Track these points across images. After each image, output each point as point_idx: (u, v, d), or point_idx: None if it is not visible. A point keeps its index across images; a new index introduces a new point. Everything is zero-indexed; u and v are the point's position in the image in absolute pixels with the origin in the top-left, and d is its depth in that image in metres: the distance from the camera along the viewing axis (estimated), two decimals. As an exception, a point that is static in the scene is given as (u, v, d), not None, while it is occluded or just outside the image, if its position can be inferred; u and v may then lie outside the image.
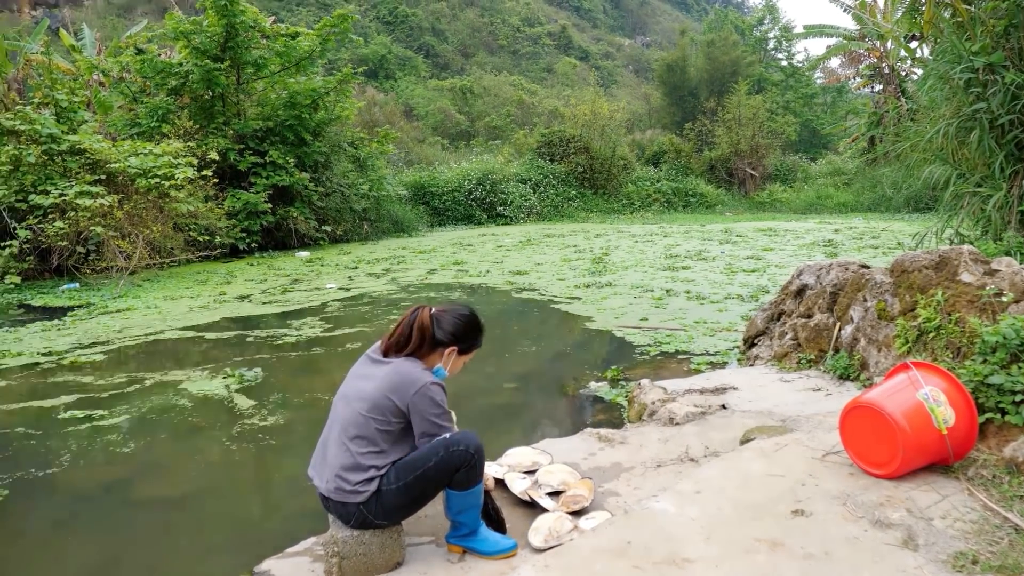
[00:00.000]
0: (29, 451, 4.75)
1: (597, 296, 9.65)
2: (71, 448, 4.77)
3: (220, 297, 10.60)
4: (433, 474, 2.72)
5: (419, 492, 2.75)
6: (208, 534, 3.61)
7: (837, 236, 16.34)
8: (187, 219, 14.71)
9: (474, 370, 6.48)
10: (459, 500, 2.81)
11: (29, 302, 10.82)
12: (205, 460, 4.57)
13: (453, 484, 2.76)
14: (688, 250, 14.47)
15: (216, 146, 16.39)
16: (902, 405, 3.00)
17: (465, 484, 2.77)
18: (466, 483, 2.77)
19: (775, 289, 9.20)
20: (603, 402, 5.33)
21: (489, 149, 33.25)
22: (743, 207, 29.71)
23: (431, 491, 2.78)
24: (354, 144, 20.85)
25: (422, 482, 2.73)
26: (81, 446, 4.82)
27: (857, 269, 5.23)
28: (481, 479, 2.84)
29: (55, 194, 12.47)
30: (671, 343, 6.91)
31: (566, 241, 17.59)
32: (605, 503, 3.27)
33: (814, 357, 5.22)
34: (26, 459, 4.60)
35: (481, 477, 2.83)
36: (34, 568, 3.31)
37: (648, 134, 38.78)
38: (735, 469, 3.16)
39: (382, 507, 2.73)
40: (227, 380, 6.25)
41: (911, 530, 2.59)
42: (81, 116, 14.86)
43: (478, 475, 2.80)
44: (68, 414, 5.42)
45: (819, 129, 42.26)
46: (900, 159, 8.67)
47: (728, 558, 2.45)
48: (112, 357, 7.23)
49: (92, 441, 4.90)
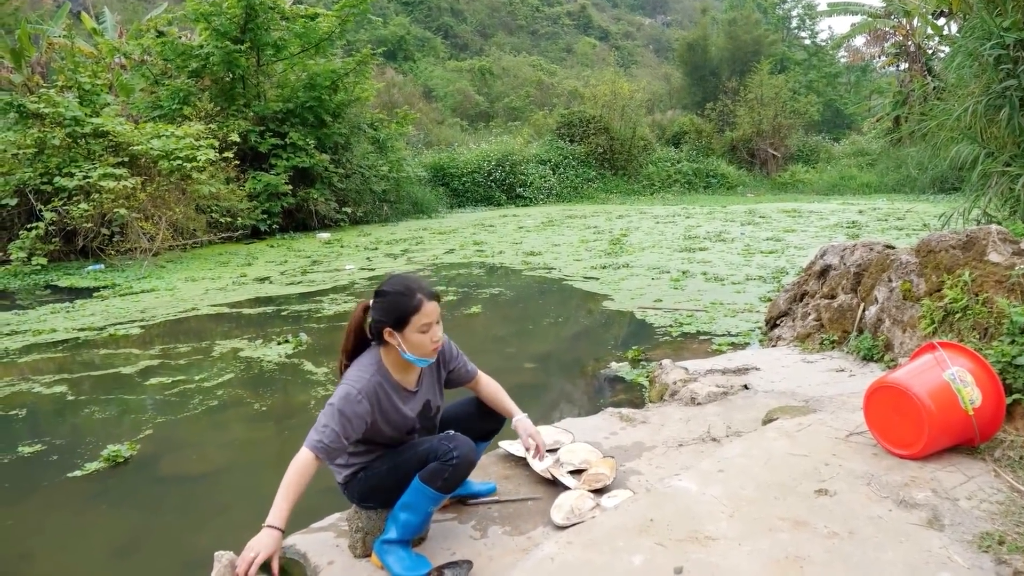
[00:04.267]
0: (160, 406, 5.16)
1: (614, 277, 9.63)
2: (183, 404, 5.15)
3: (241, 279, 10.68)
4: (411, 459, 2.66)
5: (395, 480, 2.69)
6: (233, 509, 3.66)
7: (861, 217, 16.16)
8: (209, 201, 14.82)
9: (493, 350, 6.52)
10: (414, 493, 2.65)
11: (55, 283, 10.97)
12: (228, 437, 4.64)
13: (422, 473, 2.64)
14: (708, 231, 14.37)
15: (237, 128, 16.46)
16: (928, 385, 2.97)
17: (430, 480, 2.62)
18: (431, 479, 2.61)
19: (794, 271, 9.13)
20: (624, 382, 5.33)
21: (508, 130, 33.11)
22: (764, 188, 29.44)
23: (406, 478, 2.67)
24: (373, 126, 20.84)
25: (399, 468, 2.68)
26: (187, 403, 5.19)
27: (882, 249, 5.18)
28: (446, 494, 2.67)
29: (79, 176, 12.60)
30: (692, 324, 6.89)
31: (587, 222, 17.52)
32: (627, 482, 3.27)
33: (837, 338, 5.18)
34: (156, 414, 5.03)
35: (448, 492, 2.66)
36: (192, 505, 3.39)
37: (668, 114, 38.40)
38: (758, 448, 3.15)
39: (358, 490, 2.76)
40: (282, 346, 6.64)
41: (936, 510, 2.57)
42: (104, 99, 14.96)
43: (448, 481, 2.62)
44: (155, 380, 5.78)
45: (843, 109, 41.73)
46: (926, 138, 8.52)
47: (751, 536, 2.45)
48: (154, 331, 7.50)
49: (194, 398, 5.30)
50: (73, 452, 4.41)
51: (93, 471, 4.08)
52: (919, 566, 2.25)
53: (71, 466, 4.17)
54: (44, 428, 4.86)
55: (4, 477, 4.13)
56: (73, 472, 4.08)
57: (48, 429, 4.83)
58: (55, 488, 3.95)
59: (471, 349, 3.37)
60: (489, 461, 3.62)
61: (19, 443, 4.58)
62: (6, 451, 4.47)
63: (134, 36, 18.99)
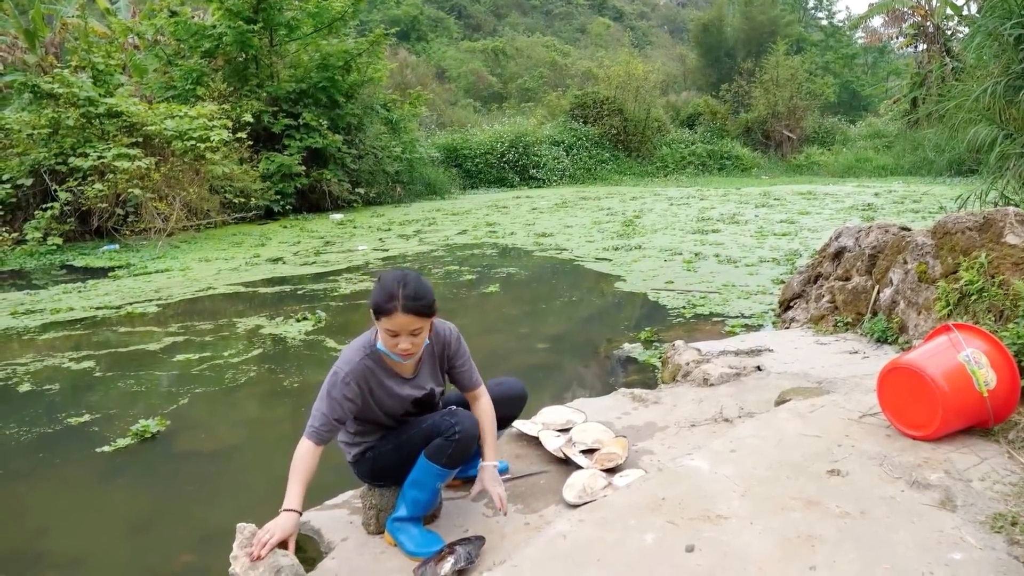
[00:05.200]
0: (186, 382, 5.22)
1: (626, 259, 9.61)
2: (208, 381, 5.26)
3: (254, 259, 10.73)
4: (416, 436, 2.68)
5: (401, 457, 2.71)
6: (253, 485, 3.71)
7: (876, 200, 16.03)
8: (222, 181, 14.86)
9: (506, 330, 6.54)
10: (420, 470, 2.66)
11: (71, 263, 11.05)
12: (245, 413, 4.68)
13: (427, 450, 2.66)
14: (722, 213, 14.30)
15: (250, 108, 16.47)
16: (942, 366, 2.95)
17: (435, 456, 2.63)
18: (436, 456, 2.63)
19: (808, 253, 9.08)
20: (636, 363, 5.33)
21: (521, 111, 33.01)
22: (779, 170, 29.23)
23: (412, 456, 2.69)
24: (386, 106, 20.80)
25: (404, 446, 2.70)
26: (212, 380, 5.30)
27: (897, 231, 5.14)
28: (452, 470, 2.67)
29: (94, 156, 12.66)
30: (705, 306, 6.87)
31: (601, 204, 17.47)
32: (639, 461, 3.28)
33: (851, 320, 5.16)
34: (183, 390, 5.10)
35: (454, 467, 2.66)
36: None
37: (683, 96, 38.14)
38: (770, 429, 3.15)
39: (367, 469, 2.79)
40: (302, 324, 6.76)
41: (949, 491, 2.57)
42: (117, 79, 15.00)
43: (452, 457, 2.63)
44: (181, 357, 5.88)
45: (859, 91, 41.31)
46: (944, 120, 8.44)
47: (762, 515, 2.45)
48: (172, 309, 7.62)
49: (218, 375, 5.42)
50: (102, 427, 4.48)
51: (121, 447, 4.14)
52: (931, 546, 2.25)
53: (99, 441, 4.23)
54: (74, 403, 4.93)
55: (32, 451, 4.20)
56: (102, 447, 4.14)
57: (78, 404, 4.90)
58: (79, 463, 4.02)
59: (484, 329, 3.39)
60: (501, 440, 3.63)
61: (50, 418, 4.66)
62: (36, 425, 4.55)
63: (147, 16, 18.98)
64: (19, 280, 9.77)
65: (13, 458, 4.13)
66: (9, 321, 7.16)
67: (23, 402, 4.98)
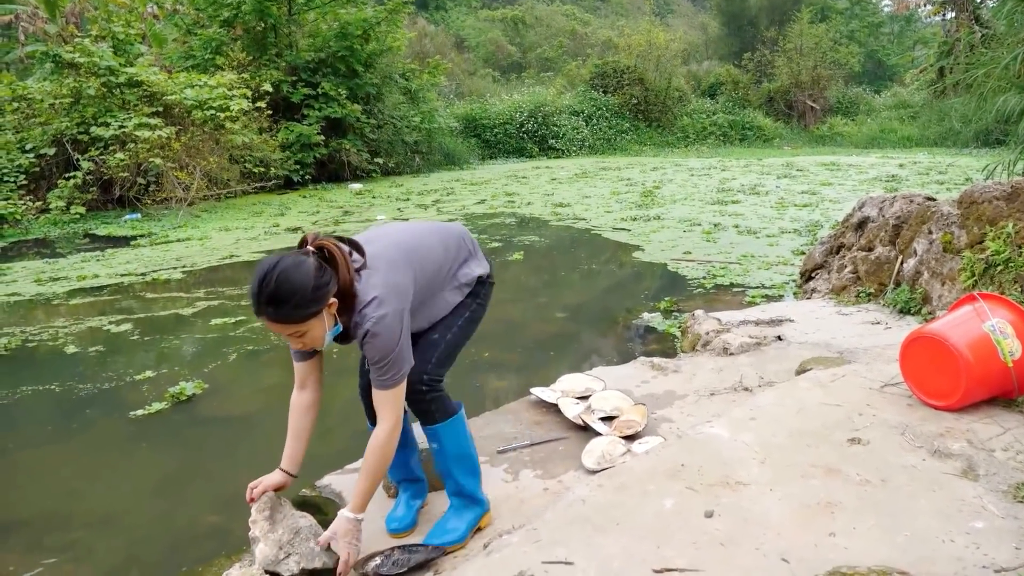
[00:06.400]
0: (219, 346, 5.35)
1: (645, 229, 9.56)
2: (240, 345, 5.35)
3: (273, 229, 10.77)
4: None
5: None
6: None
7: (901, 171, 15.80)
8: (242, 151, 14.90)
9: (525, 299, 6.54)
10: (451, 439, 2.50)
11: (94, 231, 11.16)
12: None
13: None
14: (743, 184, 14.16)
15: (269, 78, 16.45)
16: (967, 336, 2.92)
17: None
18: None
19: (829, 224, 8.99)
20: (656, 332, 5.33)
21: (541, 81, 32.67)
22: (802, 141, 28.84)
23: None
24: (405, 76, 20.69)
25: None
26: (244, 345, 5.38)
27: (922, 201, 5.07)
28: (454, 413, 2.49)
29: (115, 126, 12.72)
30: (725, 276, 6.83)
31: (621, 174, 17.34)
32: (658, 429, 3.29)
33: (874, 291, 5.11)
34: (216, 354, 5.22)
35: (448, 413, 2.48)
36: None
37: (705, 65, 37.62)
38: (791, 397, 3.14)
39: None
40: None
41: (971, 460, 2.55)
42: (137, 49, 15.01)
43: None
44: (218, 321, 6.01)
45: (885, 60, 40.54)
46: (972, 89, 8.26)
47: (782, 482, 2.45)
48: (197, 276, 7.76)
49: (251, 340, 5.52)
50: (139, 389, 4.58)
51: (153, 411, 4.21)
52: (952, 514, 2.24)
53: (134, 404, 4.31)
54: (115, 365, 5.06)
55: (73, 411, 4.31)
56: (136, 411, 4.21)
57: (118, 366, 5.03)
58: (112, 425, 4.10)
59: (502, 299, 3.38)
60: (520, 407, 3.65)
61: (92, 378, 4.80)
62: (81, 383, 4.68)
63: (166, -15, 18.98)
64: (43, 248, 9.89)
65: (53, 419, 4.24)
66: (38, 287, 7.28)
67: (68, 363, 5.13)
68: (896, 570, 1.99)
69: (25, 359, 5.26)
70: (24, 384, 4.71)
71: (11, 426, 4.18)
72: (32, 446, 3.93)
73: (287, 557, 2.26)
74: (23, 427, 4.18)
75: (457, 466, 2.51)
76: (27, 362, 5.20)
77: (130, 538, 3.00)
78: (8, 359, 5.26)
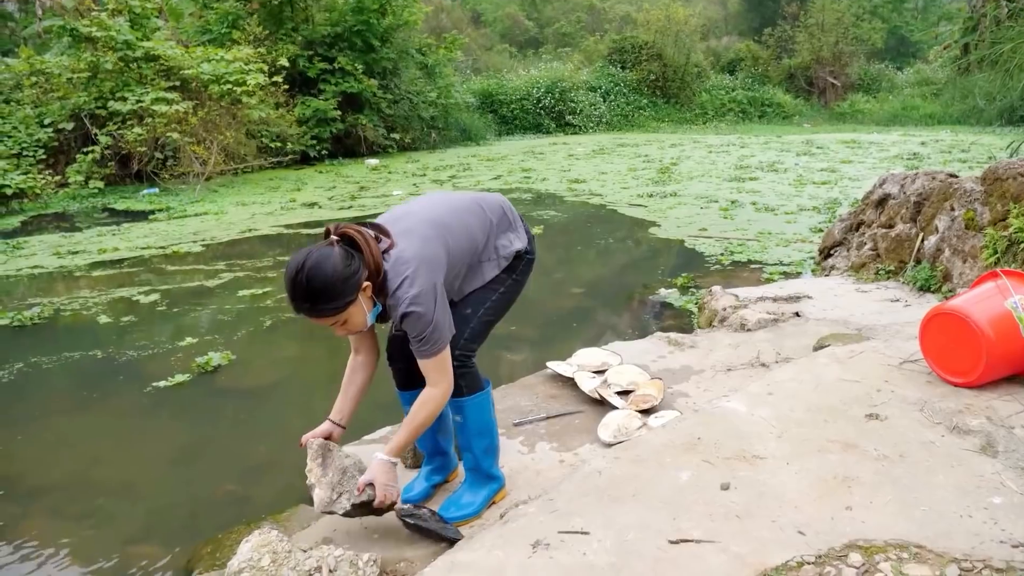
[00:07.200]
0: (245, 317, 5.49)
1: (661, 206, 9.51)
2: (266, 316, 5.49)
3: (290, 204, 10.80)
4: None
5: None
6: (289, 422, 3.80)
7: (923, 149, 15.59)
8: (259, 126, 14.91)
9: (541, 275, 6.53)
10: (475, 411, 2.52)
11: (112, 206, 11.24)
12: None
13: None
14: (761, 161, 14.02)
15: (285, 52, 16.40)
16: (988, 313, 2.89)
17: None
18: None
19: (847, 202, 8.90)
20: (672, 308, 5.31)
21: (558, 56, 32.37)
22: (822, 118, 28.48)
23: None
24: (422, 51, 20.57)
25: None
26: (269, 316, 5.52)
27: (945, 178, 5.00)
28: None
29: (132, 100, 12.75)
30: (743, 252, 6.80)
31: (638, 151, 17.23)
32: (674, 403, 3.29)
33: (894, 268, 5.06)
34: (241, 325, 5.32)
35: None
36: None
37: (724, 41, 37.18)
38: (808, 373, 3.12)
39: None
40: None
41: (990, 437, 2.53)
42: (154, 23, 14.98)
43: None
44: (245, 292, 6.11)
45: (908, 36, 39.81)
46: (997, 65, 8.12)
47: (799, 456, 2.45)
48: (217, 249, 7.86)
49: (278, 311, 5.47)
50: (165, 359, 4.65)
51: (176, 382, 4.26)
52: (970, 490, 2.23)
53: (157, 375, 4.37)
54: (143, 335, 5.17)
55: (99, 380, 4.40)
56: (158, 381, 4.27)
57: (146, 335, 5.14)
58: (135, 395, 4.16)
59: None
60: (536, 381, 3.66)
61: (120, 346, 4.92)
62: (110, 352, 4.79)
63: (183, -41, 18.90)
64: (62, 222, 9.97)
65: (82, 386, 4.34)
66: (59, 260, 7.35)
67: (102, 332, 5.24)
68: (913, 544, 1.99)
69: (60, 328, 5.38)
70: (63, 351, 4.82)
71: (42, 393, 4.27)
72: (61, 413, 4.02)
73: (339, 497, 2.32)
74: (53, 394, 4.27)
75: (478, 441, 2.53)
76: (61, 331, 5.32)
77: (151, 505, 3.05)
78: (42, 328, 5.38)
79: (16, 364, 4.62)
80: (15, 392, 4.24)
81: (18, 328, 5.35)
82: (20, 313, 5.54)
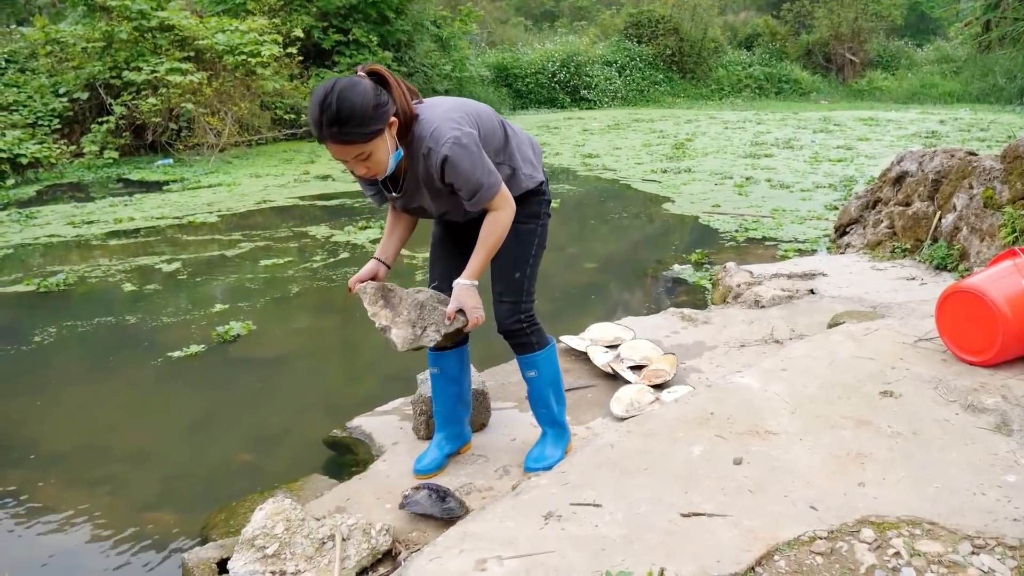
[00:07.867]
0: (265, 287, 5.54)
1: (675, 182, 9.44)
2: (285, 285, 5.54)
3: (303, 176, 10.79)
4: None
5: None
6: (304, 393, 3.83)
7: (941, 127, 15.38)
8: (273, 97, 14.85)
9: (555, 250, 6.52)
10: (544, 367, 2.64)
11: (127, 176, 11.25)
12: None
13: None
14: (777, 138, 13.88)
15: (300, 23, 16.29)
16: (1006, 291, 2.87)
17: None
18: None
19: (863, 180, 8.82)
20: (686, 284, 5.30)
21: (574, 30, 32.02)
22: (839, 95, 28.12)
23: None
24: (436, 23, 20.40)
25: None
26: (290, 285, 5.56)
27: (964, 156, 4.95)
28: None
29: (147, 71, 12.71)
30: (758, 229, 6.76)
31: (653, 126, 17.08)
32: (687, 378, 3.29)
33: (910, 246, 5.03)
34: (263, 294, 5.38)
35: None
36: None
37: (741, 16, 36.65)
38: (822, 350, 3.11)
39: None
40: (367, 231, 7.14)
41: (1005, 415, 2.53)
42: (169, -8, 14.93)
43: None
44: (267, 262, 6.16)
45: (928, 13, 39.18)
46: (1019, 43, 7.99)
47: (812, 432, 2.45)
48: (233, 220, 7.90)
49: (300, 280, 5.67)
50: (186, 326, 4.70)
51: (192, 353, 4.29)
52: (984, 468, 2.23)
53: (176, 343, 4.40)
54: (166, 303, 5.21)
55: (119, 347, 4.45)
56: (177, 351, 4.29)
57: (168, 304, 5.18)
58: (152, 364, 4.19)
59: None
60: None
61: (143, 314, 4.97)
62: (119, 322, 4.82)
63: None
64: (78, 192, 10.00)
65: (104, 354, 4.37)
66: (74, 230, 7.38)
67: (128, 299, 5.30)
68: (926, 520, 1.99)
69: (85, 295, 5.45)
70: (95, 316, 4.90)
71: (63, 359, 4.33)
72: (80, 380, 4.07)
73: (424, 330, 2.30)
74: (74, 361, 4.33)
75: (552, 391, 2.65)
76: (87, 298, 5.39)
77: (165, 473, 3.08)
78: (69, 294, 5.45)
79: (49, 328, 4.68)
80: (41, 358, 4.29)
81: (44, 294, 5.42)
82: (45, 280, 5.61)
